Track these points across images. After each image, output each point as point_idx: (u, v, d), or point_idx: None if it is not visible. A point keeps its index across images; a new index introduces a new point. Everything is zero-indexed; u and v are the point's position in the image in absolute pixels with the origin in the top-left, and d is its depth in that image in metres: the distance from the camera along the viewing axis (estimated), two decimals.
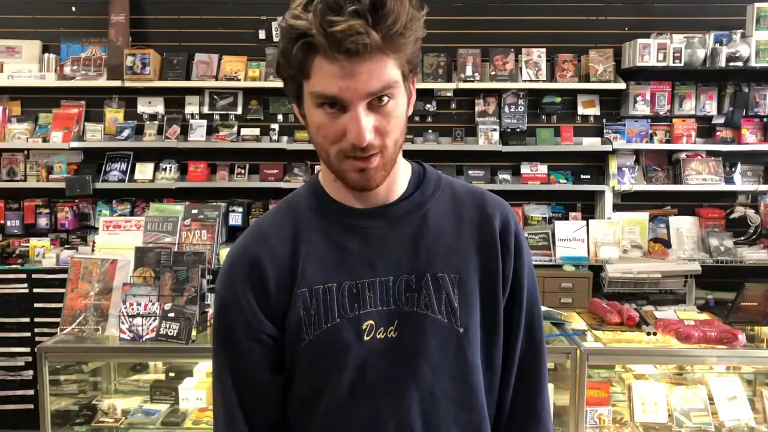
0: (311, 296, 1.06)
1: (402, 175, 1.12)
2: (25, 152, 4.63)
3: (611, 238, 4.27)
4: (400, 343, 1.06)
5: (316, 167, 4.59)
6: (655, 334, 2.58)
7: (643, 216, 4.40)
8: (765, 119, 4.56)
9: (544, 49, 4.54)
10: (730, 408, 2.62)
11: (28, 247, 4.46)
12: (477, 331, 1.09)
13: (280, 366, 1.10)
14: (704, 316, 2.87)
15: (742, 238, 4.48)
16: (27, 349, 4.14)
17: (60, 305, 2.68)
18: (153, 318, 2.49)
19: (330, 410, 1.07)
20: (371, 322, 1.06)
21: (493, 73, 4.53)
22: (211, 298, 2.70)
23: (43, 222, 4.58)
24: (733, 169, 4.55)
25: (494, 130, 4.55)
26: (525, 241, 1.16)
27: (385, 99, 0.97)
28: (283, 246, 1.09)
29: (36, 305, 4.17)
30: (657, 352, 2.58)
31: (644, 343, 2.58)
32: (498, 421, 1.15)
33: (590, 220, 4.34)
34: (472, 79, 4.50)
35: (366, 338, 1.05)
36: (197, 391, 2.65)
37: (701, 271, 4.03)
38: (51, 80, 4.53)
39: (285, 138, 4.61)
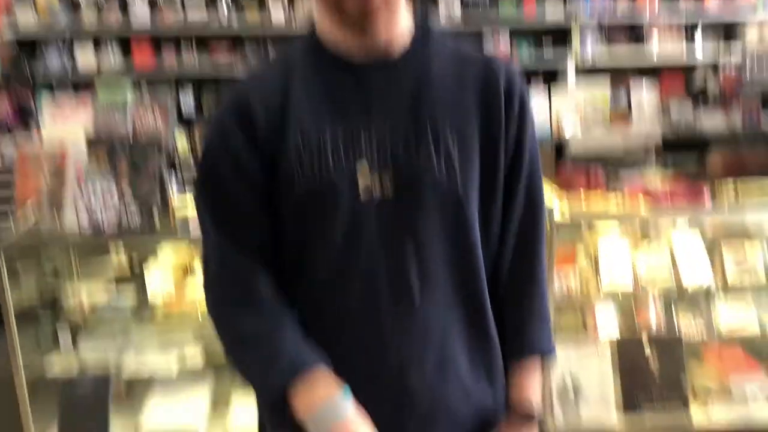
0: (304, 143, 1.01)
1: (405, 28, 1.06)
2: None
3: (573, 110, 4.23)
4: (397, 195, 1.02)
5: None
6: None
7: (605, 87, 4.35)
8: None
9: None
10: (692, 269, 2.69)
11: None
12: (476, 191, 1.05)
13: (266, 208, 1.06)
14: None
15: (702, 107, 4.49)
16: None
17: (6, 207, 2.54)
18: (113, 210, 2.39)
19: (324, 259, 1.04)
20: (366, 171, 1.01)
21: None
22: (169, 184, 2.60)
23: None
24: (694, 33, 4.51)
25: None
26: (530, 104, 1.11)
27: None
28: (275, 93, 1.04)
29: None
30: (626, 215, 2.60)
31: (612, 206, 2.59)
32: (496, 283, 1.14)
33: (552, 94, 4.28)
34: None
35: (360, 187, 1.02)
36: (163, 273, 2.60)
37: (662, 141, 4.04)
38: None
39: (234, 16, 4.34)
